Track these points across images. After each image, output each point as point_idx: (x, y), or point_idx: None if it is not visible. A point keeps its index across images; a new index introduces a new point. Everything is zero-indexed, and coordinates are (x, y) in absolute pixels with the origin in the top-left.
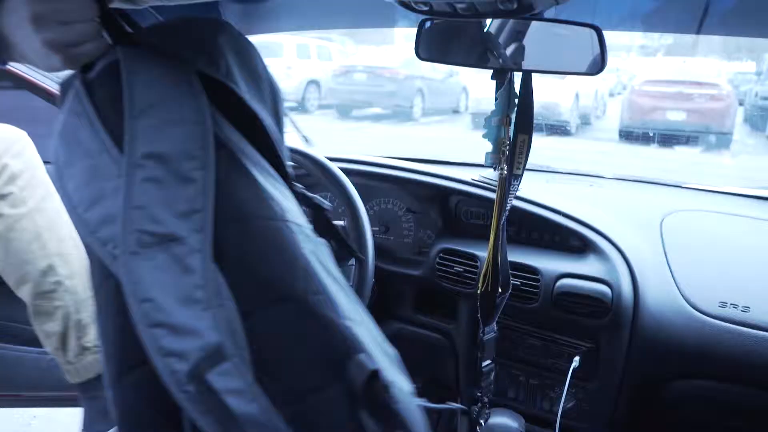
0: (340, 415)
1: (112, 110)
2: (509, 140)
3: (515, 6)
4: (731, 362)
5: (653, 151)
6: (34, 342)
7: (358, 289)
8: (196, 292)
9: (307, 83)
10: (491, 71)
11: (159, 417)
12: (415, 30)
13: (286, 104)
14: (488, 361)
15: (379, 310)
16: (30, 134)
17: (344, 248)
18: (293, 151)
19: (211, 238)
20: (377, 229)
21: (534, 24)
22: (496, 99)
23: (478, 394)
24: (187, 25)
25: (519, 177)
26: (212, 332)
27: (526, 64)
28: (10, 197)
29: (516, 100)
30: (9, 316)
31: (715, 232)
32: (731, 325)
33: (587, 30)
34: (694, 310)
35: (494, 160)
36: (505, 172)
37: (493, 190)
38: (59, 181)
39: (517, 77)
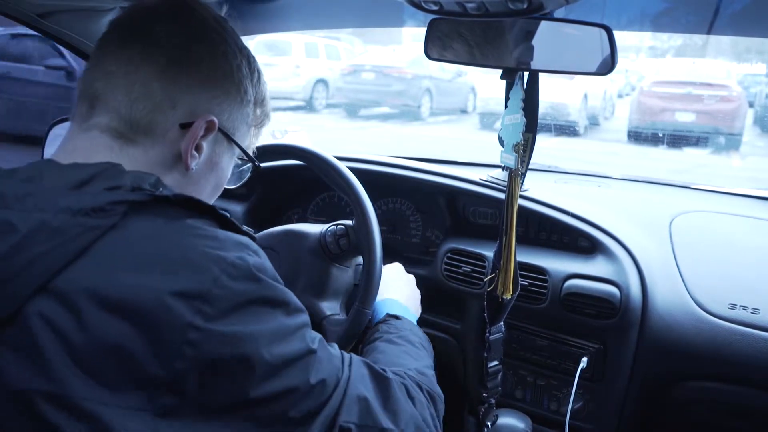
0: None
1: None
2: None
3: (525, 5)
4: (740, 364)
5: (662, 152)
6: None
7: (366, 288)
8: None
9: (315, 82)
10: (500, 71)
11: None
12: (423, 30)
13: (293, 103)
14: (495, 362)
15: None
16: (36, 131)
17: (352, 247)
18: (302, 151)
19: None
20: (385, 228)
21: (544, 24)
22: (507, 99)
23: (485, 395)
24: None
25: (523, 175)
26: None
27: (535, 64)
28: None
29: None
30: None
31: (725, 233)
32: (740, 327)
33: (597, 30)
34: (703, 312)
35: (509, 159)
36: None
37: (501, 190)
38: None
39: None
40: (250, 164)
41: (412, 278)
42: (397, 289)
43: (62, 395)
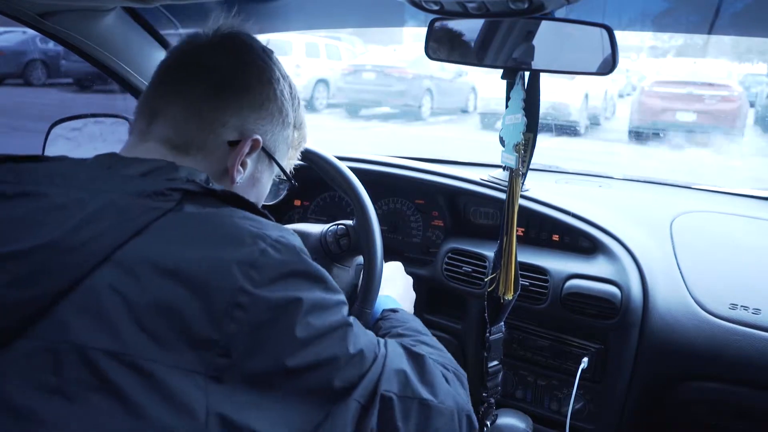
0: None
1: None
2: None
3: (526, 5)
4: (741, 364)
5: (663, 152)
6: None
7: (367, 288)
8: None
9: (315, 82)
10: (501, 71)
11: None
12: (424, 29)
13: None
14: (495, 362)
15: None
16: (36, 130)
17: (353, 247)
18: (303, 150)
19: None
20: (386, 228)
21: (544, 23)
22: (508, 98)
23: (484, 394)
24: None
25: (524, 175)
26: None
27: (536, 64)
28: None
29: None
30: None
31: (726, 233)
32: (741, 327)
33: (598, 30)
34: (704, 312)
35: (509, 159)
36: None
37: (502, 190)
38: None
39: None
40: (287, 182)
41: (409, 279)
42: (392, 287)
43: (124, 353)
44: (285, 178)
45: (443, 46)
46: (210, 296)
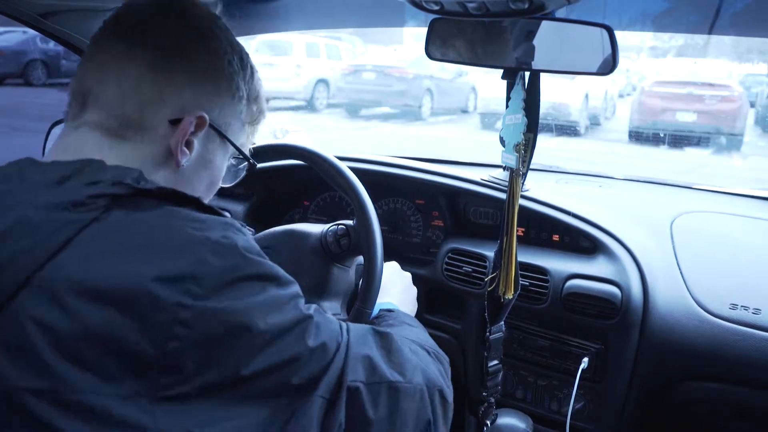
0: None
1: None
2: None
3: (526, 5)
4: (741, 365)
5: (663, 152)
6: None
7: (367, 288)
8: None
9: (316, 82)
10: (501, 71)
11: None
12: (425, 29)
13: (294, 103)
14: (495, 362)
15: None
16: (36, 130)
17: (353, 247)
18: (303, 150)
19: None
20: (386, 228)
21: (545, 23)
22: (508, 98)
23: (484, 394)
24: None
25: (524, 175)
26: None
27: (536, 64)
28: None
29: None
30: None
31: (726, 233)
32: (742, 327)
33: (598, 30)
34: (704, 312)
35: (510, 159)
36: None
37: (502, 190)
38: None
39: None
40: (246, 163)
41: (408, 276)
42: (391, 290)
43: (53, 391)
44: (242, 157)
45: (444, 46)
46: (145, 316)
